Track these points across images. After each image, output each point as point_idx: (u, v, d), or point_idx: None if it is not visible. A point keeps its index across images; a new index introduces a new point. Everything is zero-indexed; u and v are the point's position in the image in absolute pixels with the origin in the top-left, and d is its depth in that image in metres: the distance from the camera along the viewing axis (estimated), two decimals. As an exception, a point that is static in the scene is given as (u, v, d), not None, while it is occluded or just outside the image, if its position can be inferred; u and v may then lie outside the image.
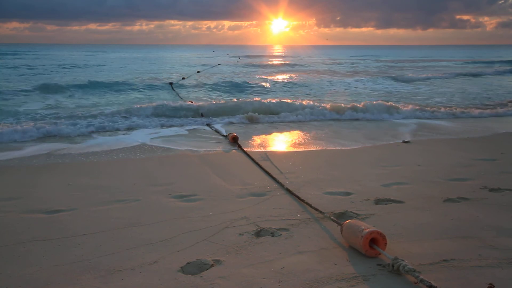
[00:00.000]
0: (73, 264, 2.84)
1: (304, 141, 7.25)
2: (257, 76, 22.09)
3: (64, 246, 3.11)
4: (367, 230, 2.84)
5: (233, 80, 18.04)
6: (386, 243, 2.86)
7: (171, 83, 15.93)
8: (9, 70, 23.62)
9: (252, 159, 5.70)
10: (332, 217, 3.49)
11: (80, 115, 9.59)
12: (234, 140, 6.72)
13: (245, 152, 6.15)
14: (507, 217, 3.60)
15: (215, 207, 3.92)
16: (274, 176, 4.87)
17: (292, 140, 7.36)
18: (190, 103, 11.18)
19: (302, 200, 3.99)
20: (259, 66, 32.19)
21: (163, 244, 3.14)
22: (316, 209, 3.72)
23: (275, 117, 9.57)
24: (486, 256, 2.86)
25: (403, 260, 2.61)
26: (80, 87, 14.86)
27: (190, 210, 3.85)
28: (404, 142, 6.97)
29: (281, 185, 4.52)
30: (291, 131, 8.17)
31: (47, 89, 14.00)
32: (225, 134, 7.42)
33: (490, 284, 2.40)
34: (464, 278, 2.57)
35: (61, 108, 11.21)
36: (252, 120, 9.19)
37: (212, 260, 2.87)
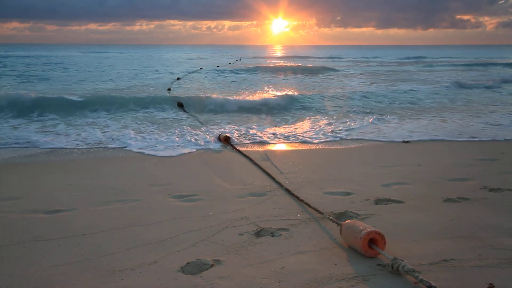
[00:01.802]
0: (73, 264, 2.84)
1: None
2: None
3: (64, 246, 3.11)
4: (365, 231, 2.84)
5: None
6: (385, 242, 2.86)
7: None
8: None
9: (249, 158, 5.70)
10: (331, 217, 3.49)
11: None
12: (226, 141, 6.74)
13: (240, 152, 6.14)
14: (507, 217, 3.60)
15: (215, 207, 3.92)
16: (274, 176, 4.87)
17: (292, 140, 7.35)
18: (184, 110, 10.53)
19: (301, 200, 3.99)
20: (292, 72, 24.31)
21: (163, 244, 3.14)
22: (316, 210, 3.72)
23: None
24: (486, 256, 2.86)
25: (402, 260, 2.60)
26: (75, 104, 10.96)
27: (190, 210, 3.85)
28: (404, 142, 6.98)
29: (280, 184, 4.52)
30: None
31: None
32: (217, 135, 7.32)
33: (490, 284, 2.40)
34: (464, 278, 2.57)
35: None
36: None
37: (212, 260, 2.87)
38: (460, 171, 5.10)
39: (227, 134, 6.93)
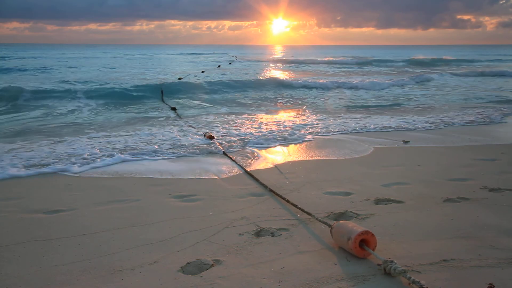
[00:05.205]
0: (73, 264, 2.84)
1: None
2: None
3: (64, 246, 3.12)
4: (354, 236, 2.79)
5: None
6: (375, 239, 2.83)
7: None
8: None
9: (225, 154, 5.71)
10: (319, 218, 3.43)
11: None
12: (210, 139, 6.86)
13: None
14: (507, 217, 3.60)
15: (215, 207, 3.92)
16: (274, 175, 4.87)
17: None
18: (174, 110, 10.63)
19: (287, 201, 3.94)
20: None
21: (163, 244, 3.14)
22: (304, 211, 3.66)
23: None
24: (486, 256, 2.86)
25: (392, 262, 2.58)
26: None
27: (190, 210, 3.85)
28: (404, 142, 6.97)
29: (265, 186, 4.47)
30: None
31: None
32: (203, 134, 7.31)
33: (490, 284, 2.40)
34: (464, 278, 2.58)
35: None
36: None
37: (212, 260, 2.87)
38: (460, 171, 5.10)
39: (211, 134, 7.05)
